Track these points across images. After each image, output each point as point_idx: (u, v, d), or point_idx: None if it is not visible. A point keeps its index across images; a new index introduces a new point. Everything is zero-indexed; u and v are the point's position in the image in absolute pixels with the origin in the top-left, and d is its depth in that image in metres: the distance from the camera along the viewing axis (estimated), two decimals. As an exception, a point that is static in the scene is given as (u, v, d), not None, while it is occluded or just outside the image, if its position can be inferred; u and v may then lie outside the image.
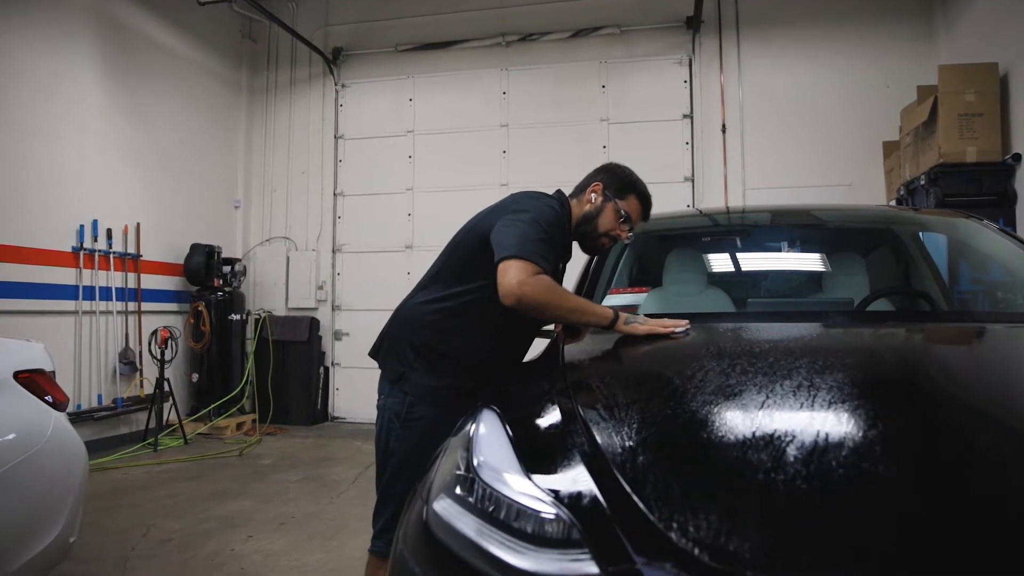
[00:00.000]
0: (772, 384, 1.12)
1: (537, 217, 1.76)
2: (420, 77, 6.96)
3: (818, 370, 1.19)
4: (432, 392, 1.82)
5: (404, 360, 1.86)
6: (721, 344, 1.45)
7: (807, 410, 1.03)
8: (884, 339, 1.57)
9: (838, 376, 1.16)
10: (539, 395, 1.25)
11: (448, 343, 1.85)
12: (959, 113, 4.59)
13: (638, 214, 1.98)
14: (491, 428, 1.17)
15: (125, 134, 5.82)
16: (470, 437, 1.17)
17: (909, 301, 2.32)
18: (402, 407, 1.82)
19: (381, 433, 1.87)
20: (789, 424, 1.00)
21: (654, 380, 1.26)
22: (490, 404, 1.24)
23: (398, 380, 1.85)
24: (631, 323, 1.67)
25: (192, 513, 3.70)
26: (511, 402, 1.25)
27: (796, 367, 1.21)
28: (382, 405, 1.89)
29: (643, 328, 1.65)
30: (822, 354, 1.33)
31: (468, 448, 1.14)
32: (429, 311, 1.88)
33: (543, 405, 1.19)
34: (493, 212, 1.88)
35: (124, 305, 5.70)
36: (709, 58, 6.31)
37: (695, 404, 1.08)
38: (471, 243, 1.87)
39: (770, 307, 2.07)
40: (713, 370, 1.20)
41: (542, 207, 1.82)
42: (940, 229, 2.47)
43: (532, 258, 1.64)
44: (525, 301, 1.60)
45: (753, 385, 1.12)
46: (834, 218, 2.50)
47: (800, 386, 1.11)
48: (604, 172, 2.00)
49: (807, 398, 1.06)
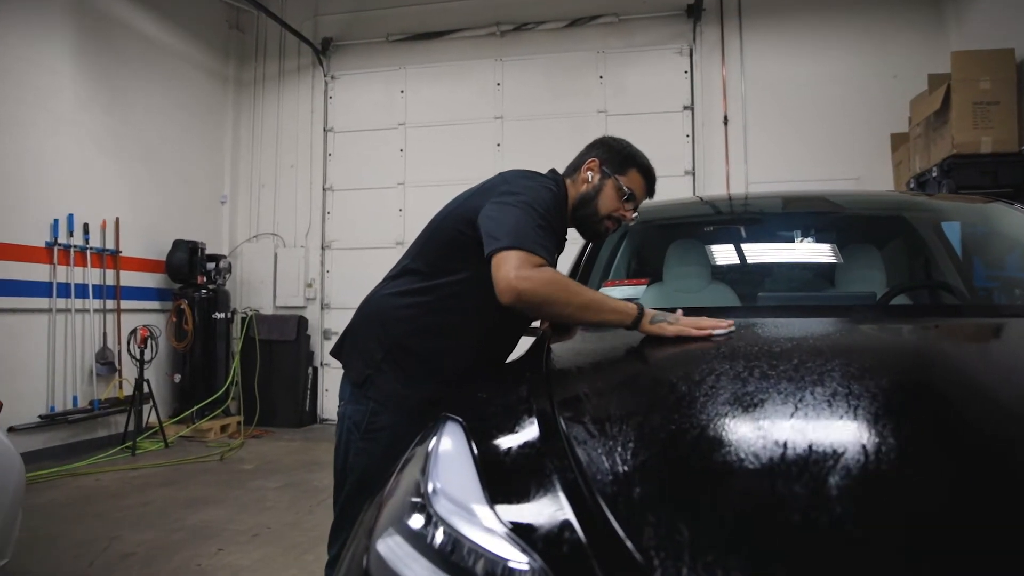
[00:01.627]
0: (800, 393, 0.90)
1: (532, 200, 1.51)
2: (412, 68, 6.74)
3: (854, 375, 0.97)
4: (400, 399, 1.57)
5: (370, 361, 1.61)
6: (734, 343, 1.23)
7: (850, 429, 0.81)
8: (928, 339, 1.35)
9: (880, 384, 0.94)
10: (515, 405, 1.02)
11: (424, 343, 1.60)
12: (973, 101, 4.37)
13: (642, 190, 1.74)
14: (453, 445, 0.95)
15: (104, 126, 5.60)
16: (427, 455, 0.95)
17: (935, 294, 2.11)
18: (363, 416, 1.58)
19: (340, 446, 1.63)
20: (829, 446, 0.77)
21: (656, 388, 1.03)
22: (455, 414, 1.02)
23: (362, 384, 1.61)
24: (658, 322, 1.38)
25: (162, 523, 3.48)
26: (481, 412, 1.02)
27: (827, 372, 0.99)
28: (342, 412, 1.65)
29: (672, 329, 1.36)
30: (856, 356, 1.11)
31: (424, 469, 0.92)
32: (402, 305, 1.62)
33: (519, 417, 0.97)
34: (479, 193, 1.63)
35: (102, 303, 5.47)
36: (710, 48, 6.09)
37: (706, 419, 0.86)
38: (452, 228, 1.62)
39: (785, 302, 1.84)
40: (726, 375, 0.98)
41: (538, 188, 1.57)
42: (969, 216, 2.25)
43: (531, 247, 1.40)
44: (527, 298, 1.35)
45: (776, 394, 0.90)
46: (852, 204, 2.28)
47: (835, 396, 0.89)
48: (599, 146, 1.77)
49: (847, 412, 0.84)
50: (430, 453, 0.96)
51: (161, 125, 6.23)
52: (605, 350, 1.40)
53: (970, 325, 1.57)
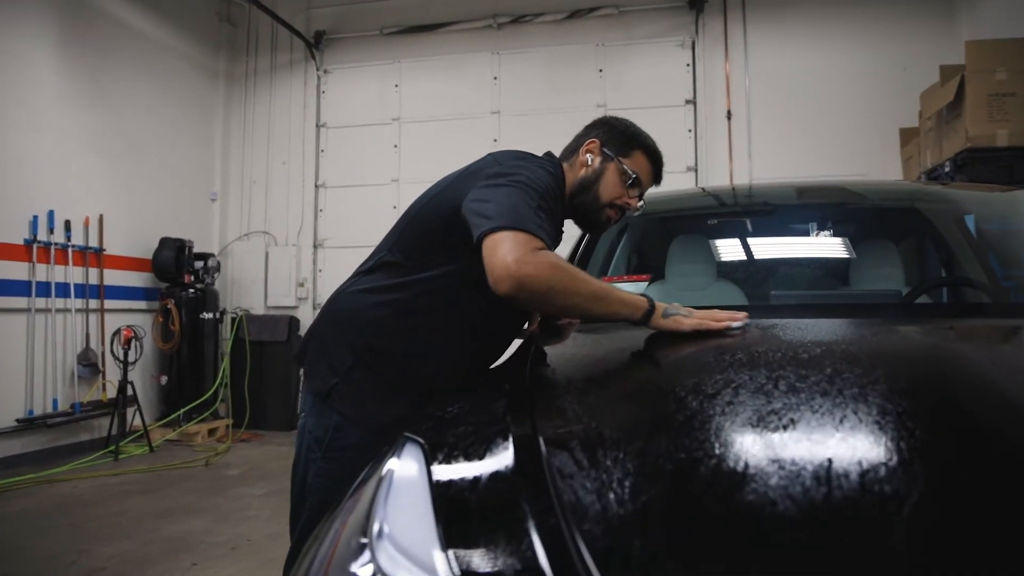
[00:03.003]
0: (840, 415, 0.72)
1: (529, 181, 1.32)
2: (406, 62, 6.56)
3: (903, 390, 0.79)
4: (370, 413, 1.37)
5: (337, 367, 1.41)
6: (753, 349, 1.05)
7: (914, 472, 0.63)
8: (975, 346, 1.17)
9: (943, 405, 0.77)
10: (488, 425, 0.84)
11: (401, 348, 1.40)
12: (989, 93, 4.19)
13: (648, 174, 1.55)
14: (409, 473, 0.78)
15: (87, 120, 5.41)
16: (378, 485, 0.77)
17: (962, 292, 1.93)
18: (326, 431, 1.38)
19: (298, 464, 1.43)
20: (890, 494, 0.59)
21: (662, 406, 0.84)
22: (415, 435, 0.84)
23: (327, 394, 1.40)
24: (672, 316, 1.24)
25: (137, 534, 3.30)
26: (446, 433, 0.84)
27: (868, 384, 0.81)
28: (302, 425, 1.46)
29: (688, 323, 1.22)
30: (899, 366, 0.93)
31: (372, 505, 0.75)
32: (376, 303, 1.43)
33: (491, 441, 0.79)
34: (465, 176, 1.45)
35: (84, 302, 5.29)
36: (713, 40, 5.91)
37: (726, 448, 0.68)
38: (434, 215, 1.44)
39: (803, 300, 1.66)
40: (747, 388, 0.80)
41: (534, 169, 1.38)
42: (1000, 206, 2.06)
43: (531, 228, 1.20)
44: (528, 286, 1.15)
45: (811, 414, 0.72)
46: (870, 194, 2.10)
47: (886, 421, 0.71)
48: (600, 126, 1.59)
49: (905, 446, 0.66)
50: (381, 482, 0.78)
51: (148, 120, 6.05)
52: (601, 355, 1.22)
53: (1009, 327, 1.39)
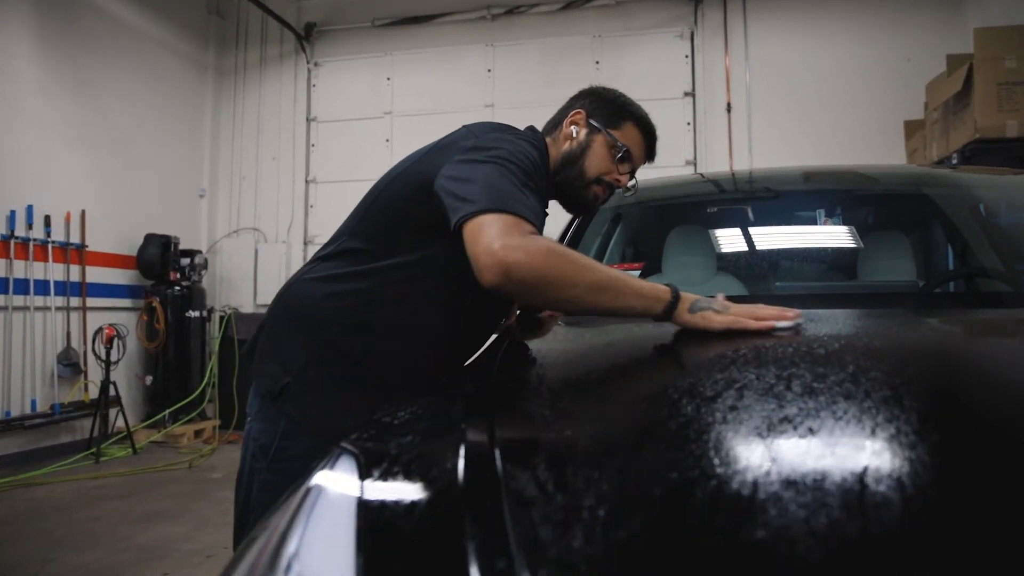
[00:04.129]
0: (869, 427, 0.57)
1: (511, 156, 1.15)
2: (399, 54, 6.40)
3: (945, 393, 0.65)
4: (324, 418, 1.19)
5: (290, 365, 1.23)
6: (761, 342, 0.89)
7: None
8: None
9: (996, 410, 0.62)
10: (438, 435, 0.69)
11: (363, 344, 1.24)
12: (998, 82, 4.04)
13: (640, 148, 1.39)
14: (336, 493, 0.63)
15: (69, 113, 5.26)
16: (295, 509, 0.62)
17: (981, 283, 1.78)
18: (273, 438, 1.22)
19: (242, 474, 1.29)
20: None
21: (647, 413, 0.69)
22: (351, 445, 0.69)
23: (277, 396, 1.23)
24: (701, 309, 1.02)
25: (110, 541, 3.15)
26: (388, 444, 0.69)
27: (904, 387, 0.66)
28: (247, 433, 1.30)
29: (720, 320, 1.00)
30: (934, 364, 0.78)
31: (285, 537, 0.59)
32: (335, 294, 1.25)
33: (439, 456, 0.64)
34: (436, 149, 1.27)
35: (65, 300, 5.13)
36: (713, 31, 5.76)
37: (724, 465, 0.53)
38: (400, 194, 1.27)
39: (815, 291, 1.51)
40: (754, 390, 0.65)
41: (515, 142, 1.22)
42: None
43: (518, 210, 1.04)
44: (517, 276, 0.98)
45: (831, 423, 0.57)
46: (881, 178, 1.95)
47: (931, 437, 0.56)
48: (585, 96, 1.44)
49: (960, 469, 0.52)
50: (302, 503, 0.63)
51: (133, 114, 5.89)
52: (583, 352, 1.06)
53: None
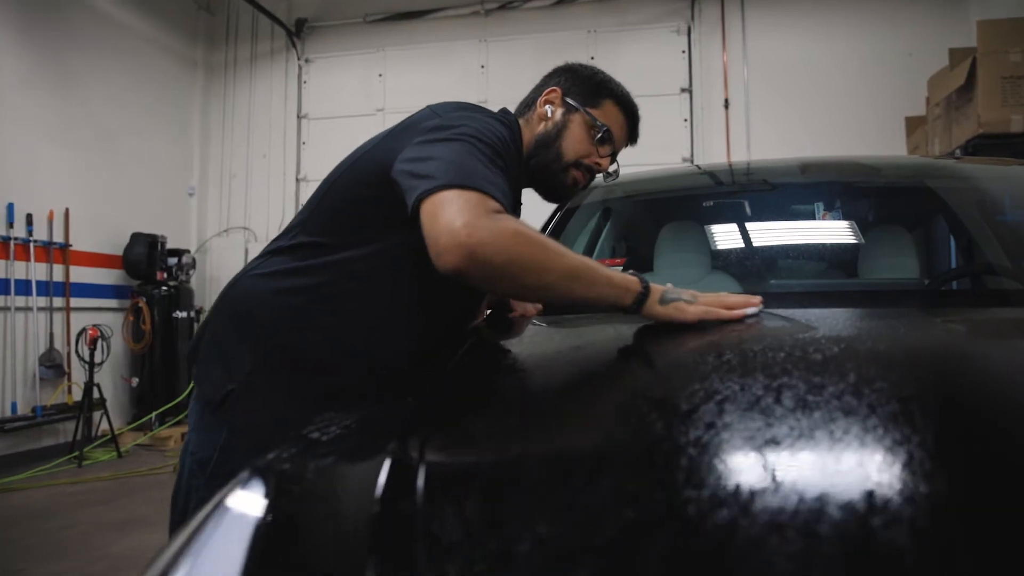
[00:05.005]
0: (873, 451, 0.46)
1: (477, 132, 1.05)
2: (391, 50, 6.30)
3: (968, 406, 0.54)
4: (270, 429, 1.00)
5: (234, 370, 1.11)
6: (749, 342, 0.78)
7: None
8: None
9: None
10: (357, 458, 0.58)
11: (316, 345, 1.11)
12: (1002, 76, 3.94)
13: (621, 128, 1.28)
14: (236, 520, 0.52)
15: (52, 110, 5.14)
16: (188, 536, 0.51)
17: (987, 280, 1.68)
18: (212, 451, 1.11)
19: (179, 493, 1.16)
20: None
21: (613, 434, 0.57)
22: (264, 466, 0.58)
23: (219, 404, 1.11)
24: (672, 301, 0.97)
25: (83, 551, 3.04)
26: (302, 466, 0.58)
27: (914, 404, 0.55)
28: (185, 444, 1.19)
29: (693, 311, 0.96)
30: (950, 369, 0.67)
31: (175, 559, 0.49)
32: (285, 290, 1.12)
33: (355, 483, 0.53)
34: (396, 132, 1.15)
35: (48, 301, 5.02)
36: (710, 26, 5.66)
37: (703, 501, 0.42)
38: (356, 181, 1.15)
39: (815, 290, 1.40)
40: (737, 405, 0.54)
41: (483, 120, 1.11)
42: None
43: (482, 186, 0.94)
44: (482, 259, 0.87)
45: (841, 441, 0.47)
46: (885, 169, 1.84)
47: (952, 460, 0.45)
48: (561, 73, 1.33)
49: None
50: (197, 532, 0.52)
51: (120, 111, 5.77)
52: (551, 358, 0.94)
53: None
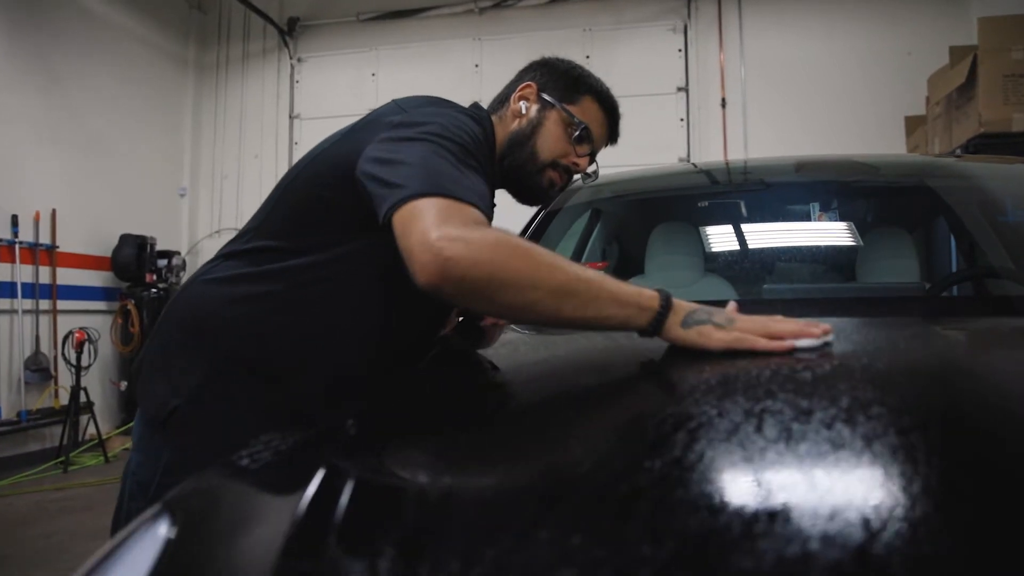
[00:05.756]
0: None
1: (447, 131, 0.95)
2: (384, 49, 6.22)
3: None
4: (217, 450, 0.91)
5: (181, 384, 1.02)
6: (745, 362, 0.70)
7: None
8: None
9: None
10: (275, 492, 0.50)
11: (270, 358, 1.03)
12: (1004, 74, 3.87)
13: (600, 126, 1.20)
14: (133, 561, 0.44)
15: (38, 109, 5.06)
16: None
17: (992, 285, 1.60)
18: (154, 472, 1.01)
19: (119, 517, 1.07)
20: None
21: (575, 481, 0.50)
22: (170, 501, 0.50)
23: (163, 422, 1.01)
24: (698, 323, 0.79)
25: (58, 560, 2.95)
26: (212, 500, 0.50)
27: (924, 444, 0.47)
28: (127, 464, 1.09)
29: (721, 338, 0.77)
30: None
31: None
32: (237, 298, 1.03)
33: (265, 526, 0.45)
34: (359, 128, 1.07)
35: (34, 303, 4.94)
36: (707, 25, 5.58)
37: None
38: (315, 180, 1.06)
39: (811, 296, 1.33)
40: (732, 430, 0.46)
41: (452, 116, 1.02)
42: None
43: (457, 193, 0.84)
44: (458, 274, 0.76)
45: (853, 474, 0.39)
46: (887, 168, 1.77)
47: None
48: (537, 67, 1.25)
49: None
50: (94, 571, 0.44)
51: (108, 111, 5.68)
52: (523, 379, 0.86)
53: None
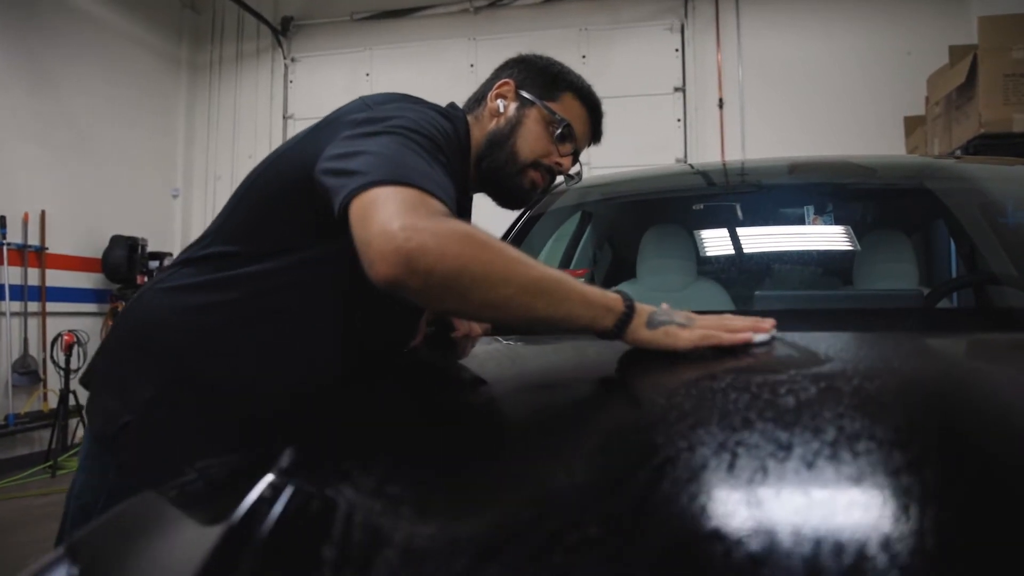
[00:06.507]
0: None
1: (414, 124, 0.90)
2: (378, 49, 6.16)
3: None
4: (167, 470, 0.81)
5: (131, 399, 0.94)
6: (737, 376, 0.65)
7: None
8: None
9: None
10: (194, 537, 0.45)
11: (226, 372, 0.96)
12: (1004, 74, 3.81)
13: (583, 123, 1.15)
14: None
15: (27, 109, 5.00)
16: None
17: (992, 292, 1.55)
18: (98, 494, 0.95)
19: (61, 540, 1.02)
20: None
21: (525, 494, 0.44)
22: (79, 546, 0.44)
23: (111, 440, 0.95)
24: (662, 324, 0.78)
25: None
26: (116, 548, 0.44)
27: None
28: (71, 485, 1.03)
29: (687, 337, 0.78)
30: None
31: None
32: (192, 308, 0.96)
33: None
34: (321, 126, 1.01)
35: (23, 305, 4.88)
36: (704, 24, 5.53)
37: None
38: (274, 183, 0.99)
39: (801, 306, 1.27)
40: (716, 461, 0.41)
41: (421, 111, 0.96)
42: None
43: (421, 183, 0.77)
44: (423, 267, 0.68)
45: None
46: (884, 170, 1.71)
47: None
48: (514, 64, 1.20)
49: None
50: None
51: (99, 111, 5.62)
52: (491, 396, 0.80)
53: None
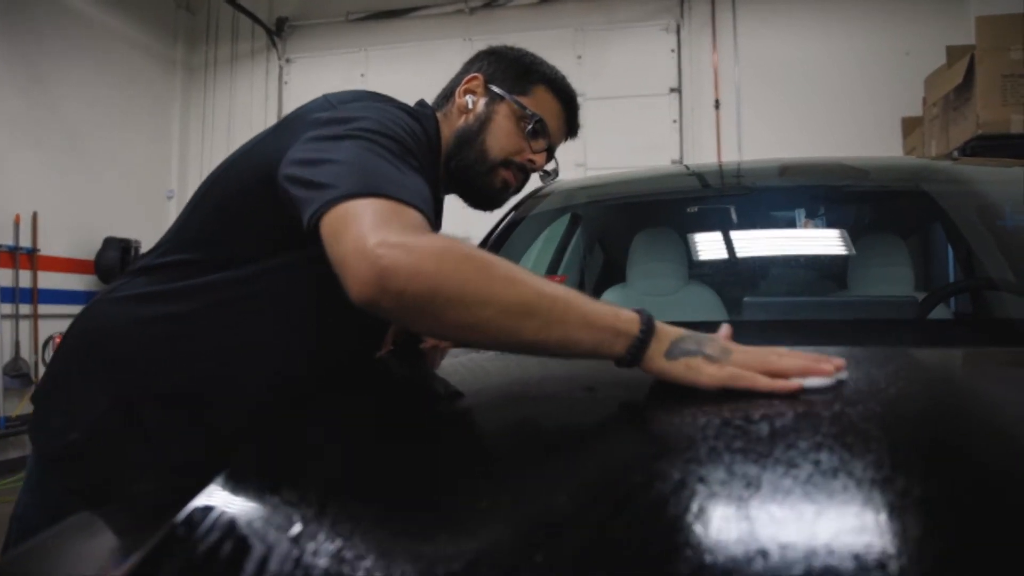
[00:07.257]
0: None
1: (382, 127, 0.84)
2: (373, 50, 6.13)
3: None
4: (116, 492, 0.82)
5: (80, 416, 0.89)
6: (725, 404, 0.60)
7: None
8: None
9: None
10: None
11: (183, 386, 0.90)
12: (1002, 74, 3.78)
13: (557, 118, 1.11)
14: None
15: (19, 110, 4.97)
16: None
17: (989, 298, 1.52)
18: (41, 517, 0.86)
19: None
20: None
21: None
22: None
23: (56, 458, 0.91)
24: (686, 354, 0.65)
25: None
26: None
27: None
28: (15, 505, 0.96)
29: (712, 374, 0.64)
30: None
31: None
32: (147, 319, 0.90)
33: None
34: (282, 126, 0.96)
35: (14, 308, 4.84)
36: (700, 24, 5.49)
37: None
38: (233, 187, 0.95)
39: (792, 317, 1.23)
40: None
41: (388, 110, 0.91)
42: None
43: (396, 193, 0.71)
44: (397, 286, 0.62)
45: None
46: (879, 172, 1.68)
47: None
48: (484, 57, 1.17)
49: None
50: None
51: (93, 112, 5.59)
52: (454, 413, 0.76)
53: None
